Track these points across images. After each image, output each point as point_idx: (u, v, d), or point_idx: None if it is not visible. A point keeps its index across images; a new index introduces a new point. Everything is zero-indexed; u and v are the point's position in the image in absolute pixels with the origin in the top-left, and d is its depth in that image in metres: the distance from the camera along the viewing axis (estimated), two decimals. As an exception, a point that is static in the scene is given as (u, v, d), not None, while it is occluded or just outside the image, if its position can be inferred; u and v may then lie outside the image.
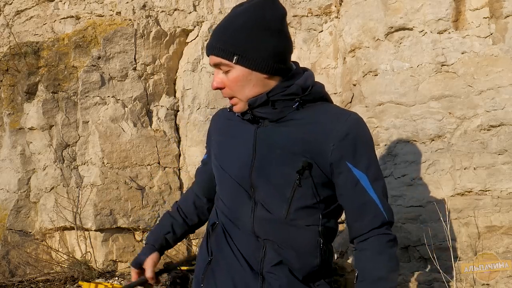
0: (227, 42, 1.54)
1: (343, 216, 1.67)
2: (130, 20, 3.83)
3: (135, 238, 3.59)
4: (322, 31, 3.57)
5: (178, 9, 3.88)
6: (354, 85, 3.22)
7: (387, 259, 1.54)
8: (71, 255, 3.48)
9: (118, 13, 3.92)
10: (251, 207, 1.56)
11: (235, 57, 1.53)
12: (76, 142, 3.66)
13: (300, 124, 1.59)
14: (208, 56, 1.57)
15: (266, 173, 1.57)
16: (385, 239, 1.55)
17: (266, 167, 1.57)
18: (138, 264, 1.75)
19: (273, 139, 1.58)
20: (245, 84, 1.55)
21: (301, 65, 1.74)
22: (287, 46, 1.59)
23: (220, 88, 1.57)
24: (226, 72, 1.54)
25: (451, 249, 2.52)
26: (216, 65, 1.55)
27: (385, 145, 2.98)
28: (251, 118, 1.59)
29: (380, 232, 1.55)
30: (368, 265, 1.54)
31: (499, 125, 2.65)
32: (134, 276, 1.76)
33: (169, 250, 3.67)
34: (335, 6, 3.48)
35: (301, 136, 1.56)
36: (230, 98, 1.57)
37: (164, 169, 3.71)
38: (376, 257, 1.54)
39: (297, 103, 1.57)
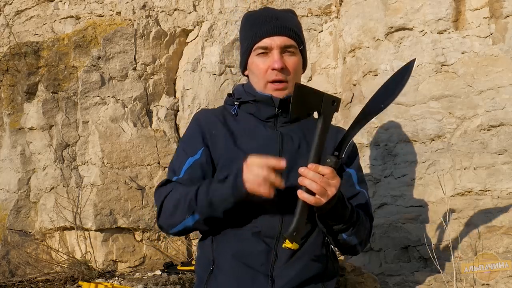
0: (298, 30, 1.70)
1: None
2: (130, 20, 3.83)
3: (135, 238, 3.59)
4: (322, 31, 3.57)
5: (178, 9, 3.88)
6: (354, 85, 3.22)
7: (368, 224, 1.68)
8: (71, 255, 3.48)
9: (118, 13, 3.92)
10: (278, 207, 1.55)
11: (302, 45, 1.70)
12: (76, 142, 3.66)
13: (311, 129, 1.67)
14: (273, 35, 1.63)
15: (293, 171, 1.59)
16: (370, 221, 1.72)
17: (292, 166, 1.58)
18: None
19: (295, 139, 1.66)
20: (299, 72, 1.71)
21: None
22: None
23: (280, 69, 1.63)
24: (289, 56, 1.65)
25: (451, 249, 2.52)
26: (285, 47, 1.64)
27: (385, 145, 2.98)
28: (275, 113, 1.66)
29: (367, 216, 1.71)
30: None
31: (499, 125, 2.65)
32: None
33: (168, 250, 3.69)
34: (335, 6, 3.48)
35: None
36: (279, 82, 1.64)
37: (164, 169, 3.70)
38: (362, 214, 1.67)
39: None
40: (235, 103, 1.71)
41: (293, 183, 1.57)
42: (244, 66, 1.74)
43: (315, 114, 1.55)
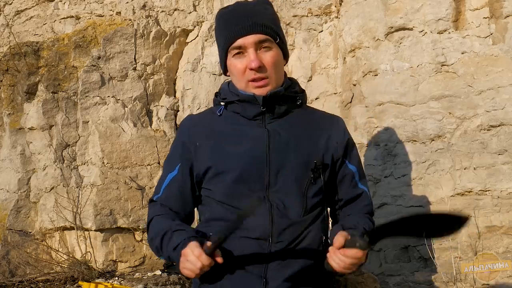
0: (270, 23, 1.64)
1: None
2: (130, 20, 3.83)
3: (135, 238, 3.59)
4: (322, 31, 3.57)
5: (178, 9, 3.88)
6: (354, 85, 3.21)
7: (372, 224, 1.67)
8: (71, 255, 3.48)
9: (118, 13, 3.92)
10: (267, 209, 1.53)
11: (277, 38, 1.64)
12: (76, 142, 3.66)
13: (302, 122, 1.64)
14: (245, 35, 1.59)
15: (283, 169, 1.57)
16: (371, 222, 1.70)
17: (282, 164, 1.56)
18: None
19: (284, 135, 1.62)
20: (279, 65, 1.65)
21: (301, 65, 1.80)
22: None
23: (258, 68, 1.59)
24: (265, 51, 1.61)
25: (451, 249, 2.52)
26: (260, 42, 1.60)
27: (385, 145, 2.97)
28: (260, 111, 1.62)
29: (368, 216, 1.71)
30: (355, 219, 1.66)
31: (499, 125, 2.65)
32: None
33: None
34: (335, 6, 3.48)
35: (308, 134, 1.66)
36: (259, 80, 1.61)
37: (164, 169, 3.71)
38: (363, 219, 1.67)
39: (300, 100, 1.64)
40: (221, 103, 1.70)
41: (282, 182, 1.56)
42: (224, 68, 1.73)
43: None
